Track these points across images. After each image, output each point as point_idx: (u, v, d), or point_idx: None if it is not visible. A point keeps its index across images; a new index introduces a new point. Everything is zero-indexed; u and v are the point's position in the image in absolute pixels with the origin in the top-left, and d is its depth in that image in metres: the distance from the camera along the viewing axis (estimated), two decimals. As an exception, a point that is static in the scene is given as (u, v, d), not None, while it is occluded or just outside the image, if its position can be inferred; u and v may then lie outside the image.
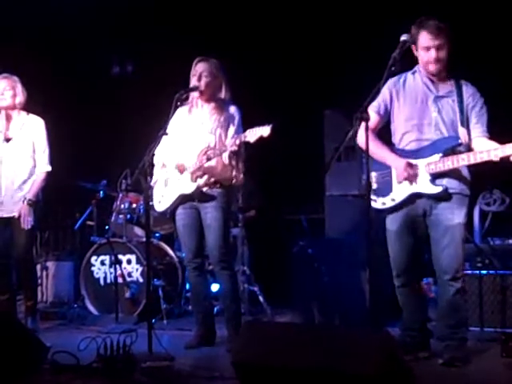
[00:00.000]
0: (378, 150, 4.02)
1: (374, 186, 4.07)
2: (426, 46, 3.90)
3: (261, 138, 4.13)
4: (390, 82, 4.01)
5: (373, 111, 3.98)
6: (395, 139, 4.12)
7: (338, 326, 4.48)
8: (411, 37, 3.77)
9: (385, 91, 4.00)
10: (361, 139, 3.75)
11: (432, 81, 4.02)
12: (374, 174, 4.07)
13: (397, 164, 3.98)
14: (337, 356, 2.90)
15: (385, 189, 4.04)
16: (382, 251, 4.05)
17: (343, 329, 3.25)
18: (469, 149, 3.94)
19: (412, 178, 3.93)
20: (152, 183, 4.67)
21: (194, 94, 4.55)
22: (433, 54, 3.90)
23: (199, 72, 4.51)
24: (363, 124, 3.43)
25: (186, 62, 4.60)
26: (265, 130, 4.11)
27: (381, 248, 3.99)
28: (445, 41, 3.89)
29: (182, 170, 4.54)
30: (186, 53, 4.67)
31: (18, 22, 7.04)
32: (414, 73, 4.08)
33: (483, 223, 5.71)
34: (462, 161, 3.83)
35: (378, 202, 4.05)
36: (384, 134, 4.15)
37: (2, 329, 3.59)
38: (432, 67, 3.94)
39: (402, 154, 4.01)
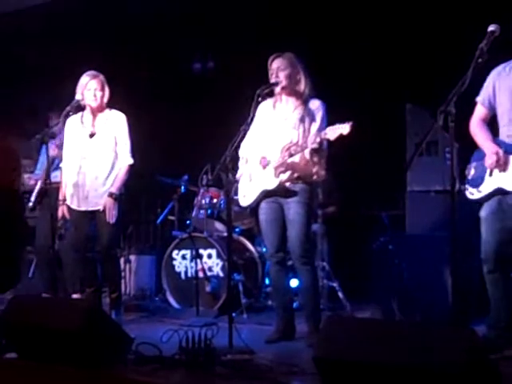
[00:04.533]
0: (479, 138, 3.93)
1: (470, 176, 3.97)
2: None
3: (341, 136, 4.11)
4: (495, 72, 3.85)
5: (479, 103, 3.91)
6: (499, 131, 3.96)
7: (420, 323, 4.41)
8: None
9: (489, 83, 3.87)
10: (471, 129, 3.76)
11: None
12: (473, 165, 3.98)
13: (488, 150, 3.85)
14: (420, 353, 2.84)
15: (478, 180, 3.94)
16: (469, 247, 3.95)
17: (426, 326, 3.18)
18: None
19: (499, 167, 3.78)
20: (237, 177, 4.72)
21: (277, 89, 4.54)
22: None
23: (276, 68, 4.51)
24: (474, 114, 3.36)
25: (267, 57, 4.60)
26: (345, 128, 4.09)
27: (467, 243, 3.89)
28: None
29: (264, 164, 4.56)
30: (266, 48, 4.68)
31: (100, 21, 7.21)
32: None
33: None
34: None
35: (469, 192, 3.97)
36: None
37: (91, 320, 3.68)
38: None
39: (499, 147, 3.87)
